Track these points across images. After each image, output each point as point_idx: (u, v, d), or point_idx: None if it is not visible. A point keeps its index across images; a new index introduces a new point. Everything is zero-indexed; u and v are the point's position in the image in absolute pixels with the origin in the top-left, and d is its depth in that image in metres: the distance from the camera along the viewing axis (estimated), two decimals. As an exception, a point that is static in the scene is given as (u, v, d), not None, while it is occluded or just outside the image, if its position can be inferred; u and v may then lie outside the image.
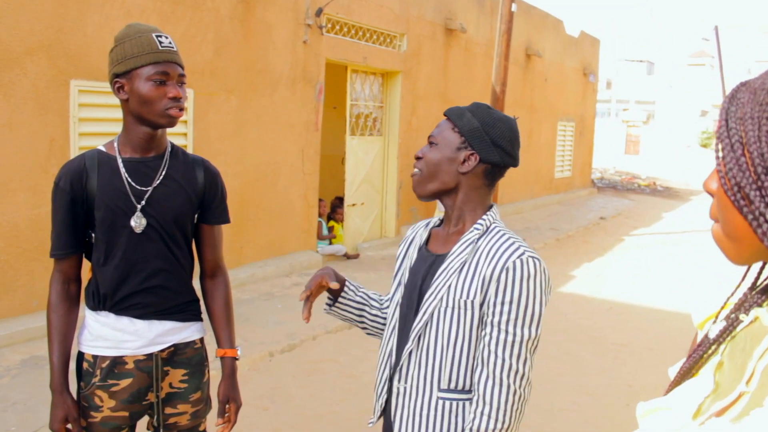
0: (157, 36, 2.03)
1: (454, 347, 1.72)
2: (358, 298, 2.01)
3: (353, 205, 9.45)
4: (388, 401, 1.88)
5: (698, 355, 0.99)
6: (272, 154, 7.71)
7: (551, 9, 15.40)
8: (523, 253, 1.68)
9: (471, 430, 1.66)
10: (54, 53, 5.36)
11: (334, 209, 9.48)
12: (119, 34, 2.07)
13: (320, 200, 8.95)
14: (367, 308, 2.02)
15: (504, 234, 1.76)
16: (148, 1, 6.04)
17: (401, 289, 1.90)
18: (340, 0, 8.22)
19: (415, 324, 1.77)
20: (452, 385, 1.73)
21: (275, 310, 6.43)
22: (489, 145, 1.78)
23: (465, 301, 1.70)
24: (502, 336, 1.65)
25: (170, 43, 2.06)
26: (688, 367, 1.00)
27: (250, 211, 7.39)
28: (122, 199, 2.07)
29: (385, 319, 2.03)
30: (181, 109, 2.06)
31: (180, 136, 6.47)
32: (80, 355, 2.16)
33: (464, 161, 1.78)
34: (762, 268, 0.97)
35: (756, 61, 44.15)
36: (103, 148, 2.13)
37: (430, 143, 1.83)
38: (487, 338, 1.67)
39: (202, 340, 2.29)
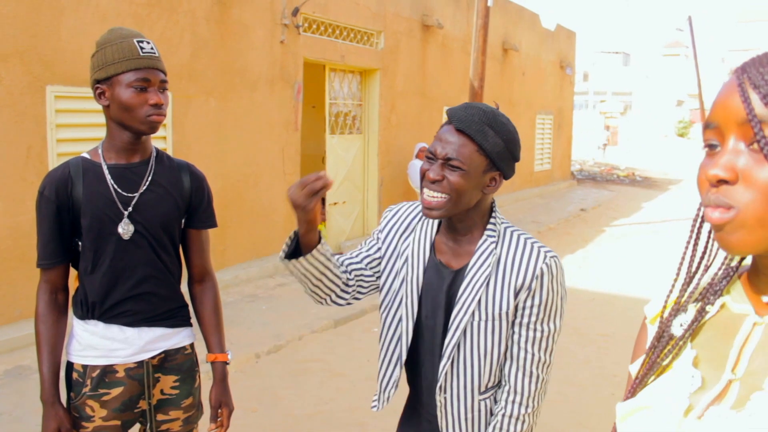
0: (138, 41, 2.01)
1: (491, 356, 1.78)
2: (328, 256, 1.78)
3: (335, 203, 9.44)
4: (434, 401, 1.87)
5: (661, 350, 0.99)
6: (253, 155, 7.69)
7: (527, 3, 15.46)
8: (545, 257, 1.73)
9: (504, 416, 1.77)
10: (29, 59, 5.31)
11: (316, 209, 9.46)
12: (101, 39, 2.05)
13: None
14: (330, 266, 1.80)
15: (519, 236, 1.78)
16: (123, 4, 6.00)
17: (406, 294, 1.84)
18: (316, -1, 8.20)
19: (447, 341, 1.78)
20: (489, 385, 1.82)
21: (260, 312, 6.42)
22: (511, 161, 1.74)
23: (500, 314, 1.74)
24: (532, 334, 1.74)
25: (152, 48, 2.04)
26: (652, 363, 0.99)
27: (232, 213, 7.36)
28: (109, 206, 2.05)
29: (339, 280, 1.83)
30: (163, 115, 2.05)
31: (159, 139, 6.43)
32: (69, 366, 2.14)
33: (491, 183, 1.73)
34: (728, 258, 0.97)
35: (729, 50, 44.61)
36: (87, 155, 2.11)
37: (452, 166, 1.67)
38: (516, 337, 1.76)
39: (192, 345, 2.28)
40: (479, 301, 1.74)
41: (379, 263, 1.92)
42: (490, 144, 1.66)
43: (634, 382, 1.02)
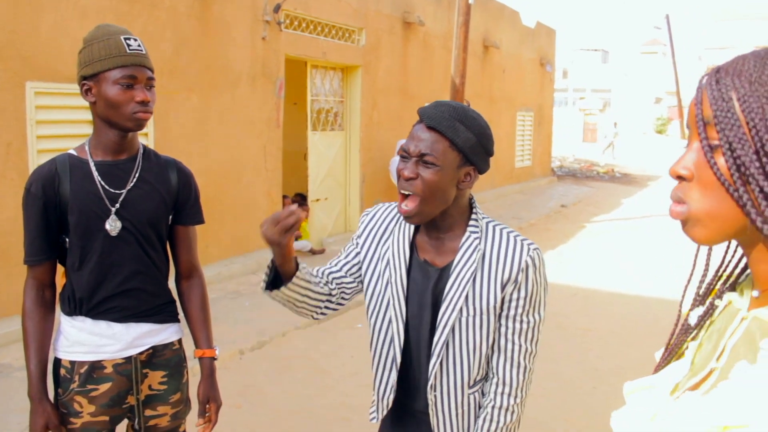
0: (125, 38, 2.02)
1: (479, 351, 1.80)
2: (308, 279, 1.81)
3: (317, 200, 9.44)
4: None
5: (678, 340, 1.06)
6: (235, 152, 7.66)
7: (507, 0, 15.51)
8: (529, 250, 1.77)
9: (494, 407, 1.80)
10: (7, 55, 5.25)
11: (299, 206, 9.45)
12: (88, 35, 2.05)
13: (284, 197, 8.93)
14: (311, 290, 1.83)
15: (501, 230, 1.80)
16: (103, 1, 5.95)
17: (392, 295, 1.83)
18: (298, -5, 8.19)
19: (436, 339, 1.79)
20: (477, 379, 1.85)
21: (243, 308, 6.41)
22: (485, 156, 1.76)
23: (487, 308, 1.76)
24: (518, 326, 1.78)
25: (139, 45, 2.04)
26: (671, 350, 1.07)
27: (214, 210, 7.33)
28: (96, 203, 2.06)
29: (323, 298, 1.88)
30: (149, 112, 2.05)
31: (141, 136, 6.37)
32: (57, 362, 2.14)
33: (465, 178, 1.74)
34: (731, 254, 1.04)
35: (706, 48, 45.07)
36: (74, 152, 2.12)
37: (426, 162, 1.68)
38: (503, 329, 1.79)
39: (180, 341, 2.29)
40: (466, 297, 1.76)
41: (359, 268, 1.93)
42: (461, 139, 1.67)
43: (656, 365, 1.10)
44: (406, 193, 1.71)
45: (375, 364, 1.91)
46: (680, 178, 0.92)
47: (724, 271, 1.05)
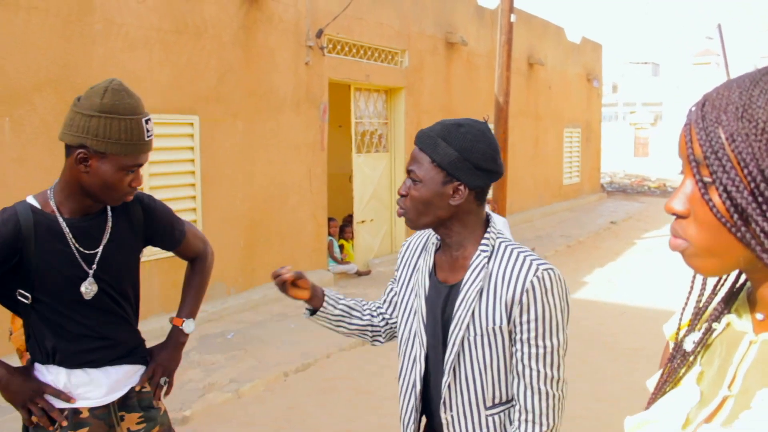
0: (146, 121, 1.94)
1: (491, 369, 1.77)
2: (337, 312, 2.00)
3: (362, 222, 9.50)
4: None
5: (675, 366, 1.02)
6: (280, 176, 7.79)
7: (551, 17, 15.47)
8: (537, 270, 1.71)
9: None
10: (62, 88, 5.47)
11: (342, 228, 9.53)
12: (106, 100, 1.87)
13: (330, 219, 9.01)
14: (345, 320, 2.01)
15: (513, 250, 1.76)
16: (151, 32, 6.16)
17: (417, 319, 1.86)
18: (340, 20, 8.32)
19: (447, 356, 1.78)
20: (497, 401, 1.79)
21: (289, 330, 6.48)
22: (473, 170, 1.72)
23: (493, 328, 1.73)
24: (533, 350, 1.72)
25: (151, 127, 1.97)
26: (666, 379, 1.03)
27: (260, 233, 7.46)
28: (70, 267, 1.99)
29: (367, 327, 2.05)
30: (134, 195, 2.04)
31: (188, 162, 6.56)
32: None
33: (454, 194, 1.74)
34: (737, 276, 1.00)
35: (761, 57, 43.95)
36: (36, 203, 1.99)
37: (412, 179, 1.76)
38: (519, 354, 1.74)
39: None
40: (473, 314, 1.74)
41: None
42: (439, 156, 1.72)
43: (651, 396, 1.05)
44: (400, 209, 1.83)
45: (400, 388, 1.92)
46: (676, 214, 0.91)
47: (717, 293, 1.02)
